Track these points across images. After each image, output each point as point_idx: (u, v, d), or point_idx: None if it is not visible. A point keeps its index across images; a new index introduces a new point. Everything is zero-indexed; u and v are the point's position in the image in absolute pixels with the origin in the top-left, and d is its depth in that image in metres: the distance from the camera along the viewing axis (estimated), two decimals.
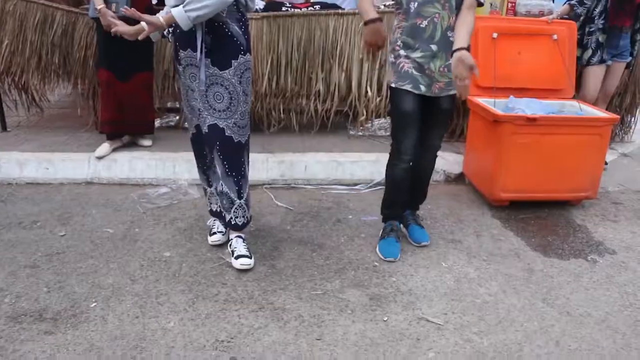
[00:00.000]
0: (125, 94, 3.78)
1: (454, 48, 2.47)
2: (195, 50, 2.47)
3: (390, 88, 2.73)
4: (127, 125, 3.91)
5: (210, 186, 2.86)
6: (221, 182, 2.67)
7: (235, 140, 2.60)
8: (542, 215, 3.46)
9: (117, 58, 3.69)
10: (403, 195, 2.93)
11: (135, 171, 3.77)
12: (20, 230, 3.02)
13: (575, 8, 3.95)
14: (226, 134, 2.58)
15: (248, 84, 2.60)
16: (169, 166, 3.78)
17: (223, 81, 2.51)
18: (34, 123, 4.61)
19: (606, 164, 4.02)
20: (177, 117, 4.59)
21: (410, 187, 2.96)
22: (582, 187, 3.53)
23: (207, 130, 2.60)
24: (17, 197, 3.50)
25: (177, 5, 2.32)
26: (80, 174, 3.76)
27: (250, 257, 2.69)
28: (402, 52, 2.65)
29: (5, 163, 3.76)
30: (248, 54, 2.56)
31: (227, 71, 2.50)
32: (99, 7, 3.46)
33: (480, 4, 2.66)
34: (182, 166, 3.73)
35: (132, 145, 4.05)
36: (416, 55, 2.61)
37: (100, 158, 3.80)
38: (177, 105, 4.49)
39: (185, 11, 2.28)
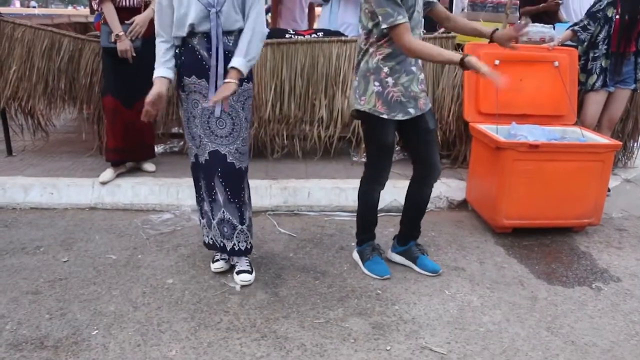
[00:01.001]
0: (130, 120, 3.81)
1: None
2: (200, 77, 2.52)
3: (375, 118, 2.68)
4: (131, 152, 3.95)
5: (213, 218, 2.78)
6: (223, 209, 2.68)
7: (237, 167, 2.63)
8: (546, 242, 3.45)
9: (123, 85, 3.74)
10: (376, 218, 3.00)
11: (139, 197, 3.79)
12: (23, 256, 3.03)
13: (579, 34, 3.99)
14: (228, 160, 2.60)
15: (249, 111, 2.65)
16: (172, 192, 3.79)
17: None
18: (39, 148, 4.65)
19: (609, 190, 4.01)
20: (181, 143, 4.62)
21: (411, 217, 2.98)
22: (586, 213, 3.52)
23: (207, 158, 2.62)
24: (21, 221, 3.51)
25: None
26: (85, 199, 3.78)
27: (251, 273, 2.71)
28: (389, 80, 2.64)
29: (10, 187, 3.78)
30: (250, 82, 2.62)
31: (231, 98, 2.54)
32: (120, 33, 3.56)
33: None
34: (185, 192, 3.74)
35: (135, 170, 4.07)
36: (402, 80, 2.64)
37: (104, 183, 3.82)
38: (181, 131, 4.52)
39: (248, 61, 2.48)
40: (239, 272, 2.71)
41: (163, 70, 2.56)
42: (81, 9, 31.73)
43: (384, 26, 2.49)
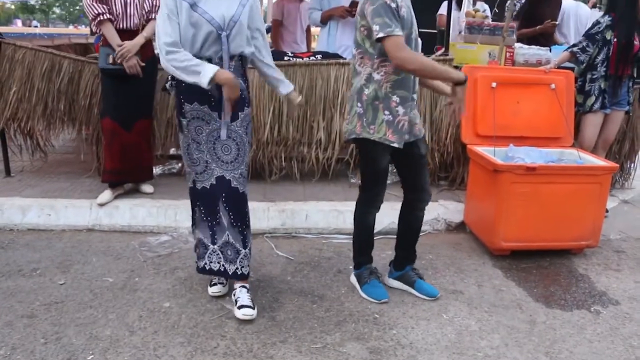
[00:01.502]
0: (128, 142, 3.83)
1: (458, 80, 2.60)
2: (202, 104, 2.53)
3: (372, 143, 2.67)
4: (128, 174, 3.95)
5: (214, 243, 2.75)
6: (227, 232, 2.67)
7: (240, 191, 2.64)
8: (544, 265, 3.44)
9: (122, 107, 3.76)
10: (373, 241, 3.00)
11: (137, 218, 3.78)
12: (19, 278, 3.01)
13: (577, 55, 4.02)
14: (232, 185, 2.62)
15: (251, 134, 2.67)
16: (170, 214, 3.79)
17: (231, 133, 2.57)
18: (37, 168, 4.65)
19: (607, 211, 4.02)
20: (180, 164, 4.63)
21: (405, 241, 3.00)
22: (584, 235, 3.53)
23: (214, 182, 2.63)
24: (18, 243, 3.50)
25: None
26: (82, 220, 3.77)
27: (253, 308, 2.67)
28: (400, 108, 2.64)
29: (7, 209, 3.78)
30: (250, 106, 2.64)
31: (235, 123, 2.57)
32: (120, 43, 3.59)
33: None
34: (183, 214, 3.73)
35: (134, 192, 4.07)
36: (407, 106, 2.66)
37: (102, 205, 3.81)
38: (179, 153, 4.53)
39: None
40: (240, 307, 2.66)
41: (209, 65, 2.40)
42: (82, 27, 31.95)
43: (380, 35, 2.42)
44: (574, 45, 4.11)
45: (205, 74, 2.34)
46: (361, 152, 2.83)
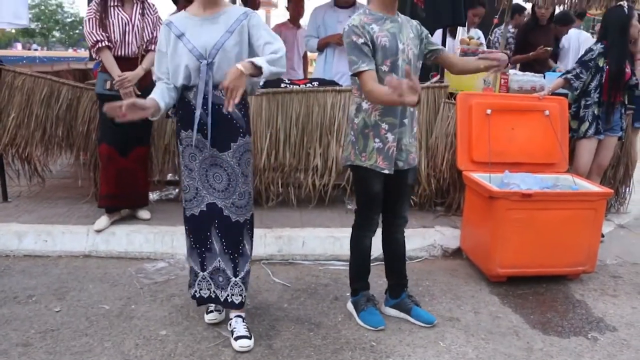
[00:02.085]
0: (124, 168, 3.85)
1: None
2: (197, 132, 2.55)
3: (364, 169, 2.72)
4: (124, 199, 3.96)
5: (203, 269, 2.75)
6: (218, 258, 2.68)
7: (233, 220, 2.64)
8: (541, 291, 3.44)
9: (119, 133, 3.77)
10: (370, 267, 3.01)
11: (134, 245, 3.78)
12: (15, 305, 3.00)
13: (571, 82, 4.08)
14: (224, 213, 2.62)
15: (247, 165, 2.65)
16: (167, 240, 3.79)
17: (222, 162, 2.58)
18: (34, 193, 4.66)
19: (603, 236, 4.04)
20: (177, 190, 4.64)
21: (393, 267, 3.03)
22: (580, 261, 3.54)
23: (204, 209, 2.64)
24: (14, 269, 3.49)
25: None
26: (79, 246, 3.77)
27: (250, 338, 2.66)
28: (389, 135, 2.67)
29: (4, 234, 3.77)
30: (247, 136, 2.64)
31: (225, 153, 2.57)
32: (120, 74, 3.63)
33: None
34: (180, 240, 3.72)
35: (130, 218, 4.08)
36: (396, 133, 2.68)
37: (99, 231, 3.81)
38: (177, 178, 4.55)
39: (267, 62, 2.33)
40: (237, 338, 2.64)
41: (156, 95, 2.48)
42: (81, 51, 32.22)
43: (350, 72, 2.59)
44: (567, 72, 4.17)
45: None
46: (354, 178, 2.89)
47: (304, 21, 5.99)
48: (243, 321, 2.74)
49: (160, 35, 2.58)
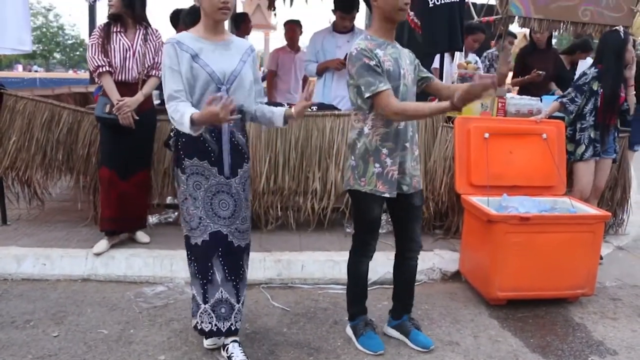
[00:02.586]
0: (124, 191, 3.87)
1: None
2: (202, 160, 2.55)
3: (363, 194, 2.73)
4: (124, 222, 3.97)
5: (205, 301, 2.69)
6: (221, 289, 2.66)
7: (235, 245, 2.65)
8: (540, 314, 3.44)
9: (119, 157, 3.81)
10: (367, 292, 3.01)
11: (133, 268, 3.77)
12: (12, 330, 2.99)
13: (567, 105, 4.13)
14: (229, 239, 2.63)
15: (249, 190, 2.70)
16: (166, 264, 3.79)
17: (229, 189, 2.60)
18: (34, 217, 4.66)
19: (602, 258, 4.04)
20: (176, 214, 4.64)
21: (400, 291, 3.01)
22: (579, 284, 3.54)
23: (207, 238, 2.62)
24: (12, 293, 3.48)
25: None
26: (78, 270, 3.76)
27: None
28: (388, 160, 2.69)
29: (2, 258, 3.77)
30: (249, 161, 2.69)
31: (233, 179, 2.60)
32: (120, 99, 3.66)
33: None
34: (179, 264, 3.73)
35: (130, 241, 4.08)
36: (396, 157, 2.70)
37: (98, 255, 3.81)
38: (176, 202, 4.55)
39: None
40: None
41: (187, 113, 2.36)
42: (81, 72, 32.43)
43: (367, 94, 2.57)
44: (563, 96, 4.22)
45: (185, 123, 2.35)
46: (353, 202, 2.89)
47: (303, 41, 6.09)
48: (239, 346, 2.73)
49: (167, 53, 2.49)
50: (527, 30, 5.91)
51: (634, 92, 4.31)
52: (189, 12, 3.96)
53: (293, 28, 6.13)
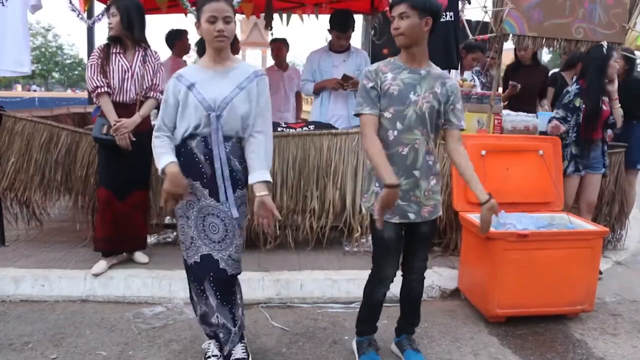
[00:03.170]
0: (122, 212, 3.87)
1: (480, 201, 2.63)
2: (195, 180, 2.57)
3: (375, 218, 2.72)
4: (121, 242, 3.96)
5: (204, 322, 2.75)
6: (216, 314, 2.66)
7: (229, 274, 2.63)
8: (540, 331, 3.43)
9: (117, 178, 3.83)
10: (379, 315, 2.96)
11: (132, 289, 3.76)
12: (10, 353, 2.97)
13: (561, 124, 4.17)
14: (220, 266, 2.61)
15: (244, 218, 2.69)
16: (165, 284, 3.78)
17: (219, 213, 2.59)
18: (32, 237, 4.64)
19: (601, 273, 4.05)
20: (174, 233, 4.64)
21: (403, 309, 2.99)
22: (578, 300, 3.54)
23: (198, 260, 2.62)
24: (10, 315, 3.46)
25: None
26: (76, 291, 3.75)
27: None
28: None
29: (0, 279, 3.75)
30: (245, 189, 2.66)
31: (224, 204, 2.59)
32: (117, 120, 3.69)
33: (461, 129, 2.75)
34: (178, 284, 3.73)
35: (128, 261, 4.07)
36: (401, 184, 2.62)
37: (96, 275, 3.80)
38: (174, 222, 4.56)
39: (268, 166, 2.60)
40: None
41: (168, 156, 2.54)
42: (79, 92, 32.60)
43: (353, 112, 2.69)
44: (554, 117, 4.25)
45: (160, 164, 2.53)
46: (370, 221, 2.88)
47: (296, 55, 6.17)
48: (242, 346, 2.74)
49: (167, 87, 2.60)
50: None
51: (619, 105, 4.34)
52: (198, 42, 4.03)
53: (279, 46, 6.18)
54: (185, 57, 6.29)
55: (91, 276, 3.80)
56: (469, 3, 4.59)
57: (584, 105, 4.14)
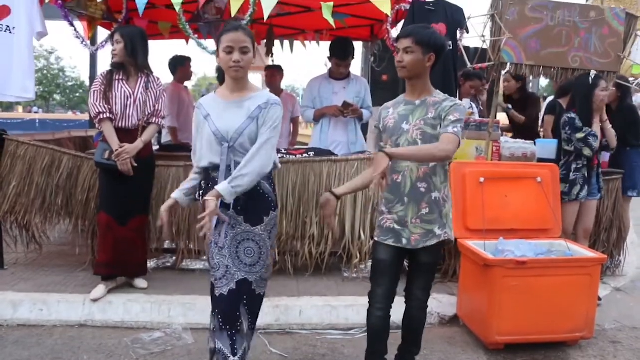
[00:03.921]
0: (122, 237, 3.88)
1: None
2: (228, 208, 2.58)
3: (373, 241, 2.82)
4: (121, 267, 3.97)
5: (234, 353, 2.62)
6: (245, 340, 2.66)
7: (257, 293, 2.68)
8: (539, 358, 3.42)
9: (118, 202, 3.85)
10: (381, 345, 2.89)
11: (130, 314, 3.75)
12: None
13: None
14: (252, 287, 2.64)
15: (274, 239, 2.73)
16: (164, 310, 3.77)
17: (254, 237, 2.61)
18: (31, 261, 4.64)
19: (600, 299, 4.05)
20: (174, 258, 4.63)
21: (403, 338, 2.98)
22: (577, 327, 3.53)
23: (234, 287, 2.60)
24: (8, 340, 3.45)
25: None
26: (75, 315, 3.74)
27: None
28: (383, 208, 2.76)
29: None
30: (277, 209, 2.70)
31: (258, 227, 2.62)
32: (120, 145, 3.72)
33: (456, 137, 2.60)
34: (177, 310, 3.73)
35: (128, 286, 4.07)
36: (397, 209, 2.70)
37: (95, 300, 3.80)
38: (174, 246, 4.56)
39: (232, 187, 2.45)
40: None
41: (176, 192, 2.72)
42: (79, 114, 32.77)
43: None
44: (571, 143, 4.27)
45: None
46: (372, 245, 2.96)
47: (296, 80, 6.24)
48: None
49: (193, 115, 2.73)
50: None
51: (610, 126, 4.38)
52: (218, 70, 4.09)
53: (272, 73, 6.22)
54: (186, 83, 6.36)
55: (90, 301, 3.80)
56: (467, 32, 4.66)
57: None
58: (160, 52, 6.65)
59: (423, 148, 2.57)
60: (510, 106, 5.71)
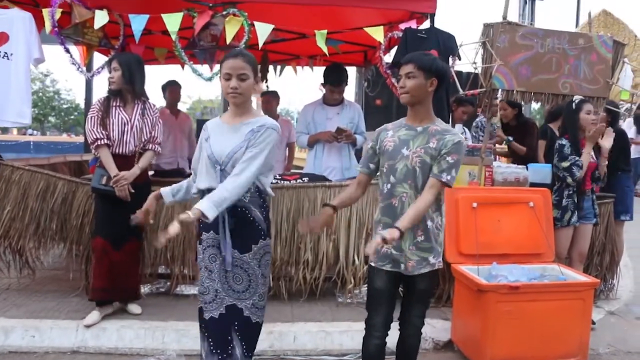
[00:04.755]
0: (118, 260, 3.88)
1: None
2: (217, 233, 2.60)
3: (369, 266, 2.82)
4: (115, 292, 3.95)
5: None
6: None
7: (253, 321, 2.67)
8: None
9: (114, 227, 3.85)
10: None
11: (124, 340, 3.73)
12: None
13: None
14: (244, 314, 2.64)
15: (267, 267, 2.71)
16: (157, 336, 3.75)
17: (242, 264, 2.63)
18: (24, 286, 4.60)
19: (594, 323, 4.06)
20: (168, 283, 4.62)
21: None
22: (571, 352, 3.54)
23: (224, 312, 2.62)
24: None
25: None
26: (67, 342, 3.70)
27: None
28: (380, 232, 2.76)
29: None
30: (268, 238, 2.70)
31: (247, 255, 2.63)
32: (117, 173, 3.75)
33: (447, 185, 2.66)
34: (171, 336, 3.71)
35: (121, 312, 4.04)
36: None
37: (89, 326, 3.77)
38: (168, 272, 4.55)
39: (213, 203, 2.44)
40: None
41: (164, 189, 2.84)
42: (74, 136, 32.81)
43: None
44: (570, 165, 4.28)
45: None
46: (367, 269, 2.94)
47: (290, 103, 6.28)
48: None
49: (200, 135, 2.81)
50: None
51: (606, 163, 4.45)
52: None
53: (268, 99, 6.26)
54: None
55: (83, 327, 3.77)
56: (459, 59, 4.73)
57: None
58: (155, 77, 6.72)
59: (420, 210, 2.57)
60: (511, 138, 5.75)
